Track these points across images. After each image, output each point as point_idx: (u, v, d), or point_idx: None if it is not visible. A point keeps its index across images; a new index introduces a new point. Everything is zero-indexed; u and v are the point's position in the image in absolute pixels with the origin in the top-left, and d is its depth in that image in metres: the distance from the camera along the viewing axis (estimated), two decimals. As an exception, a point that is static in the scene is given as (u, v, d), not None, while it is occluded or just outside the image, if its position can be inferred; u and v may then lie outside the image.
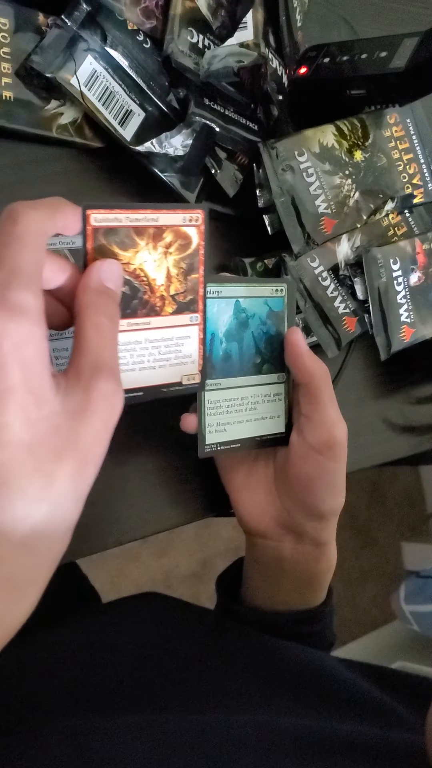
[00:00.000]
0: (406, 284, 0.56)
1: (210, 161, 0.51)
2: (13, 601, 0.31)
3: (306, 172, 0.52)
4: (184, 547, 1.73)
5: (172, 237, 0.39)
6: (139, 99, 0.48)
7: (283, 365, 0.46)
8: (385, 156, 0.55)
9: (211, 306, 0.42)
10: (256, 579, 0.54)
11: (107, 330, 0.32)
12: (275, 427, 0.47)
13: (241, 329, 0.44)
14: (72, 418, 0.30)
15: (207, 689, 0.46)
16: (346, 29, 0.60)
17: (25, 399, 0.29)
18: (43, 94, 0.46)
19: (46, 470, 0.29)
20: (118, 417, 0.32)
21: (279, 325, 0.46)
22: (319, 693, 0.46)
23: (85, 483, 0.31)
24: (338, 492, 0.46)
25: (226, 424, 0.44)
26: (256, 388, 0.45)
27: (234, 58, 0.47)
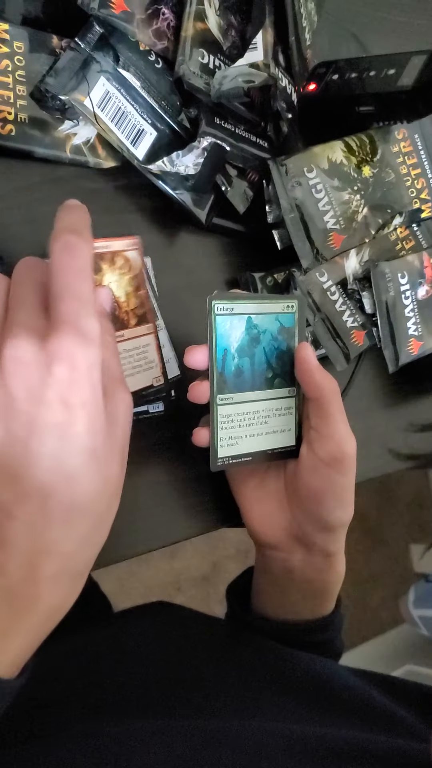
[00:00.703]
0: (414, 298, 0.56)
1: (221, 179, 0.52)
2: (73, 592, 0.35)
3: (315, 188, 0.53)
4: (194, 550, 1.74)
5: (122, 261, 0.46)
6: (151, 119, 0.49)
7: (294, 380, 0.47)
8: (393, 171, 0.56)
9: (222, 322, 0.43)
10: (266, 589, 0.54)
11: (113, 347, 0.37)
12: (286, 441, 0.48)
13: (253, 345, 0.45)
14: (110, 424, 0.35)
15: (219, 697, 0.47)
16: (355, 46, 0.61)
17: (93, 412, 0.33)
18: (56, 116, 0.47)
19: (104, 471, 0.34)
20: (132, 412, 0.37)
21: (290, 340, 0.47)
22: (329, 701, 0.47)
23: (123, 477, 0.37)
24: (347, 504, 0.47)
25: (238, 437, 0.45)
26: (268, 402, 0.46)
27: (244, 78, 0.48)
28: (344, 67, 0.55)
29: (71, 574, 0.34)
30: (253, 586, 0.56)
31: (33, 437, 0.32)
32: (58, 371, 0.32)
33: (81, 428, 0.33)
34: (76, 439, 0.33)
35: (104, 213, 0.50)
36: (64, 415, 0.32)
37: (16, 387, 0.32)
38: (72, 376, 0.32)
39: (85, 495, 0.33)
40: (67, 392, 0.32)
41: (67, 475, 0.33)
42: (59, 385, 0.32)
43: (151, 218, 0.52)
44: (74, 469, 0.33)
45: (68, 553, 0.33)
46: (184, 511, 0.52)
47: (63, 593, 0.34)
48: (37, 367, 0.32)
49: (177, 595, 1.71)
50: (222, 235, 0.55)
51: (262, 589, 0.55)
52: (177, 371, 0.51)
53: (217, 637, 0.54)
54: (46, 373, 0.32)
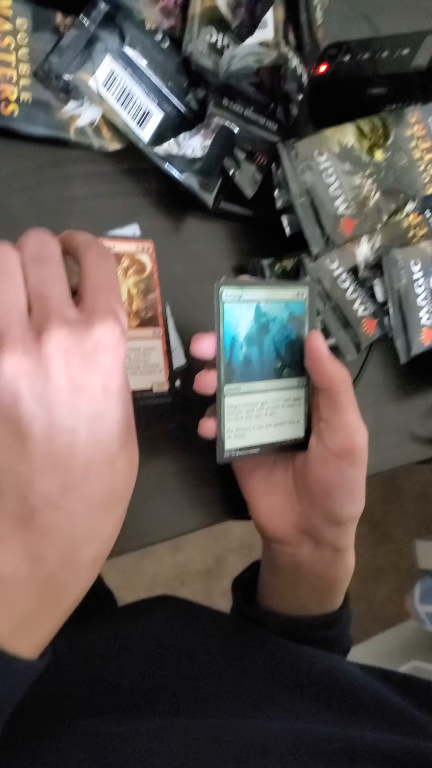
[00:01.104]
0: (427, 286, 0.55)
1: (229, 162, 0.50)
2: (93, 578, 0.35)
3: (326, 172, 0.51)
4: (198, 543, 1.73)
5: (129, 262, 0.46)
6: (158, 99, 0.48)
7: (304, 369, 0.46)
8: (406, 155, 0.54)
9: (230, 310, 0.42)
10: (273, 584, 0.53)
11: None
12: (295, 432, 0.46)
13: (262, 334, 0.44)
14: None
15: (226, 693, 0.46)
16: (367, 26, 0.59)
17: (126, 397, 0.35)
18: (61, 96, 0.46)
19: (132, 455, 0.36)
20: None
21: (300, 329, 0.45)
22: (339, 699, 0.46)
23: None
24: (358, 497, 0.46)
25: (245, 429, 0.44)
26: (277, 392, 0.45)
27: (253, 57, 0.47)
28: (356, 47, 0.54)
29: (105, 558, 0.36)
30: (260, 581, 0.55)
31: (79, 425, 0.33)
32: (103, 359, 0.33)
33: (119, 414, 0.34)
34: (114, 426, 0.34)
35: (109, 197, 0.49)
36: (105, 402, 0.33)
37: (61, 376, 0.32)
38: (113, 364, 0.33)
39: (122, 479, 0.35)
40: (108, 379, 0.33)
41: (109, 461, 0.34)
42: (102, 373, 0.33)
43: (157, 202, 0.50)
44: (114, 455, 0.34)
45: (106, 538, 0.35)
46: (190, 503, 0.50)
47: (90, 579, 0.35)
48: (82, 356, 0.32)
49: (181, 588, 1.70)
50: (229, 220, 0.54)
51: (269, 584, 0.54)
52: (183, 360, 0.50)
53: (223, 632, 0.53)
54: (90, 362, 0.33)
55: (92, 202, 0.48)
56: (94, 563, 0.35)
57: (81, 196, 0.48)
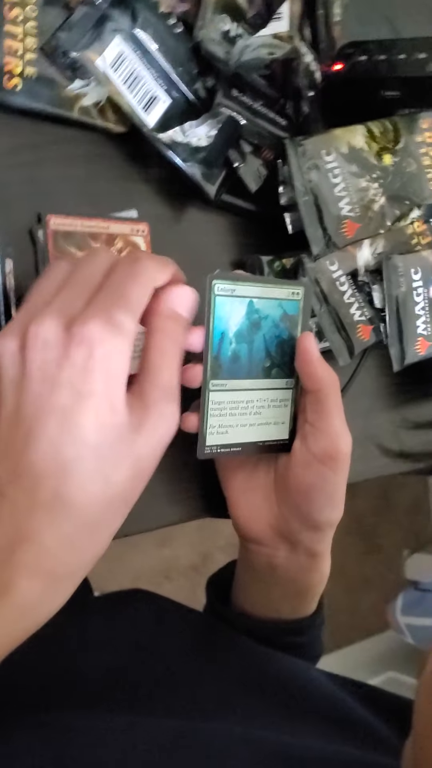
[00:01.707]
0: (426, 295, 0.54)
1: (234, 154, 0.49)
2: (50, 594, 0.33)
3: (332, 172, 0.51)
4: (185, 539, 1.72)
5: (122, 243, 0.45)
6: (166, 85, 0.47)
7: (293, 371, 0.45)
8: (415, 162, 0.53)
9: (222, 304, 0.41)
10: (247, 585, 0.53)
11: (171, 355, 0.36)
12: (279, 434, 0.45)
13: (253, 331, 0.43)
14: (133, 431, 0.33)
15: (189, 694, 0.46)
16: (387, 27, 0.58)
17: (102, 405, 0.32)
18: (67, 73, 0.45)
19: (105, 472, 0.32)
20: (172, 437, 0.35)
21: (292, 329, 0.45)
22: (301, 707, 0.45)
23: (135, 492, 0.35)
24: (337, 504, 0.45)
25: (228, 426, 0.43)
26: (263, 392, 0.44)
27: (266, 49, 0.46)
28: (373, 48, 0.53)
29: (49, 571, 0.32)
30: (235, 581, 0.55)
31: (38, 418, 0.32)
32: (74, 354, 0.32)
33: (84, 419, 0.32)
34: (77, 429, 0.32)
35: (109, 180, 0.48)
36: (71, 401, 0.32)
37: (31, 364, 0.32)
38: (87, 364, 0.32)
39: (75, 490, 0.32)
40: (78, 378, 0.32)
41: (59, 464, 0.32)
42: (72, 369, 0.32)
43: (158, 189, 0.50)
44: (69, 459, 0.32)
45: (48, 547, 0.32)
46: (168, 498, 0.50)
47: (38, 589, 0.32)
48: (55, 347, 0.32)
49: (165, 583, 1.70)
50: (231, 214, 0.53)
51: (244, 584, 0.53)
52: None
53: (193, 632, 0.52)
54: (62, 354, 0.32)
55: (92, 185, 0.47)
56: (31, 570, 0.32)
57: (80, 177, 0.47)
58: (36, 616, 0.33)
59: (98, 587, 0.80)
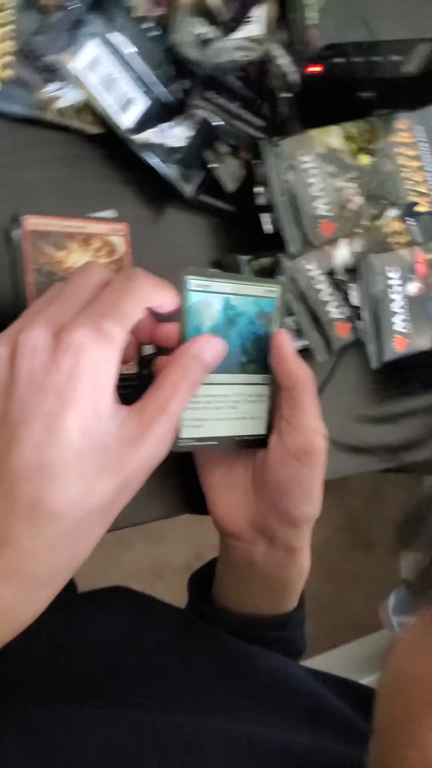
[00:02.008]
0: (403, 294, 0.55)
1: (211, 155, 0.50)
2: (27, 599, 0.33)
3: (308, 172, 0.51)
4: (178, 538, 1.73)
5: (100, 243, 0.46)
6: (142, 87, 0.48)
7: (269, 367, 0.46)
8: (391, 162, 0.54)
9: (196, 300, 0.41)
10: (227, 581, 0.53)
11: (182, 390, 0.36)
12: (256, 429, 0.46)
13: (229, 327, 0.43)
14: (124, 444, 0.34)
15: (169, 689, 0.46)
16: (363, 29, 0.59)
17: (87, 412, 0.33)
18: (43, 76, 0.46)
19: (88, 480, 0.33)
20: (162, 459, 0.36)
21: (268, 326, 0.45)
22: (281, 702, 0.46)
23: (119, 503, 0.35)
24: (314, 499, 0.45)
25: (203, 419, 0.43)
26: (239, 387, 0.45)
27: (240, 52, 0.47)
28: (350, 50, 0.54)
29: (27, 577, 0.33)
30: (216, 577, 0.55)
31: (23, 422, 0.32)
32: (61, 360, 0.32)
33: (69, 424, 0.32)
34: (60, 434, 0.32)
35: (86, 181, 0.48)
36: (56, 405, 0.32)
37: (20, 370, 0.33)
38: (74, 370, 0.32)
39: (55, 496, 0.32)
40: (64, 384, 0.32)
41: (41, 468, 0.32)
42: (59, 375, 0.32)
43: (136, 191, 0.50)
44: (51, 464, 0.32)
45: (26, 552, 0.32)
46: (146, 494, 0.50)
47: (14, 594, 0.33)
48: (43, 353, 0.33)
49: (158, 582, 1.70)
50: (209, 214, 0.54)
51: (224, 581, 0.54)
52: (152, 348, 0.49)
53: (173, 627, 0.52)
54: (50, 361, 0.33)
55: (70, 186, 0.48)
56: (8, 573, 0.32)
57: (58, 178, 0.47)
58: (12, 622, 0.33)
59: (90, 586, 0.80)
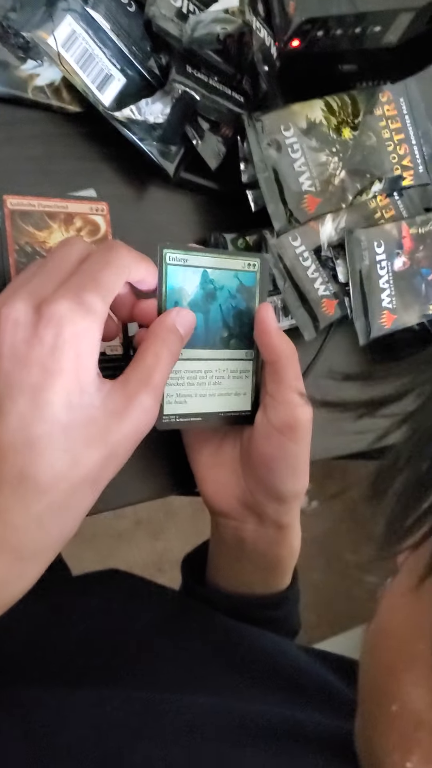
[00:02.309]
0: (389, 269, 0.54)
1: (191, 131, 0.49)
2: (16, 574, 0.33)
3: (291, 147, 0.51)
4: (178, 531, 1.72)
5: (81, 222, 0.45)
6: (120, 64, 0.47)
7: (252, 342, 0.45)
8: (374, 135, 0.54)
9: (174, 273, 0.41)
10: (219, 560, 0.53)
11: (164, 360, 0.37)
12: (241, 405, 0.46)
13: (208, 301, 0.43)
14: (109, 416, 0.34)
15: (161, 668, 0.46)
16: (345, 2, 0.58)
17: (71, 384, 0.33)
18: (19, 54, 0.45)
19: (74, 452, 0.33)
20: (147, 430, 0.36)
21: (250, 300, 0.45)
22: (273, 679, 0.46)
23: (106, 475, 0.35)
24: (300, 475, 0.45)
25: (186, 395, 0.43)
26: (222, 362, 0.44)
27: (218, 24, 0.46)
28: (331, 23, 0.53)
29: (15, 550, 0.33)
30: (209, 557, 0.55)
31: (8, 396, 0.32)
32: (43, 333, 0.32)
33: (54, 397, 0.32)
34: (45, 407, 0.32)
35: (66, 160, 0.48)
36: (40, 378, 0.32)
37: (3, 345, 0.33)
38: (56, 342, 0.32)
39: (42, 469, 0.32)
40: (47, 356, 0.32)
41: (27, 441, 0.32)
42: (42, 347, 0.32)
43: (117, 169, 0.50)
44: (36, 436, 0.32)
45: (14, 525, 0.32)
46: (135, 475, 0.50)
47: (2, 569, 0.33)
48: (25, 326, 0.33)
49: (158, 575, 1.70)
50: (193, 192, 0.53)
51: (216, 560, 0.54)
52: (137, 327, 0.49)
53: (166, 608, 0.52)
54: (32, 334, 0.32)
55: (49, 164, 0.47)
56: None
57: (37, 156, 0.47)
58: (1, 597, 0.33)
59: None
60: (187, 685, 0.44)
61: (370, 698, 0.29)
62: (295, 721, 0.40)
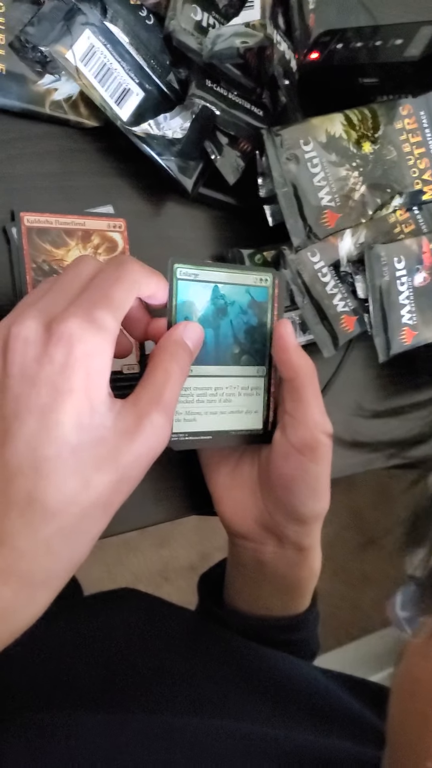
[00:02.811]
0: (410, 284, 0.53)
1: (210, 146, 0.49)
2: (25, 601, 0.32)
3: (311, 162, 0.50)
4: (184, 540, 1.72)
5: (99, 239, 0.45)
6: (139, 78, 0.46)
7: (264, 358, 0.44)
8: (395, 149, 0.53)
9: (184, 289, 0.40)
10: (237, 582, 0.52)
11: (175, 376, 0.35)
12: (252, 423, 0.44)
13: (219, 316, 0.42)
14: (120, 437, 0.32)
15: (180, 692, 0.45)
16: (364, 14, 0.57)
17: (82, 404, 0.32)
18: (37, 68, 0.44)
19: (85, 475, 0.32)
20: (162, 449, 0.35)
21: (262, 316, 0.44)
22: (294, 703, 0.45)
23: (118, 498, 0.34)
24: (321, 496, 0.44)
25: (196, 413, 0.42)
26: (233, 379, 0.43)
27: (239, 38, 0.45)
28: (350, 36, 0.52)
29: (24, 577, 0.31)
30: (226, 578, 0.54)
31: (16, 416, 0.31)
32: (54, 352, 0.31)
33: (63, 417, 0.31)
34: (54, 428, 0.31)
35: (84, 176, 0.47)
36: (49, 398, 0.31)
37: (12, 363, 0.32)
38: (67, 361, 0.31)
39: (51, 493, 0.31)
40: (57, 375, 0.31)
41: (35, 463, 0.31)
42: (52, 366, 0.31)
43: (135, 184, 0.49)
44: (44, 459, 0.31)
45: (22, 551, 0.31)
46: (153, 496, 0.49)
47: (11, 595, 0.31)
48: (35, 345, 0.32)
49: (164, 584, 1.69)
50: (210, 207, 0.52)
51: (234, 582, 0.53)
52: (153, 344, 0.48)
53: (184, 630, 0.51)
54: (42, 353, 0.32)
55: (66, 180, 0.47)
56: (3, 573, 0.31)
57: (54, 172, 0.46)
58: (10, 624, 0.32)
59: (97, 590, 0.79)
60: (205, 709, 0.43)
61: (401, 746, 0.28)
62: (319, 748, 0.39)
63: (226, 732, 0.39)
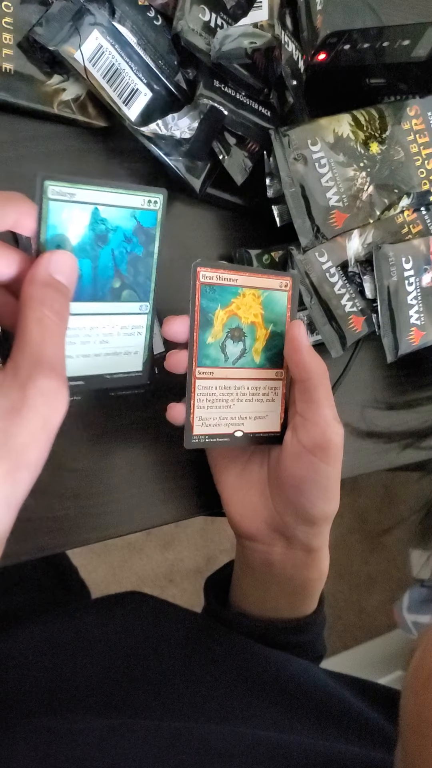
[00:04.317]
0: (417, 285, 0.53)
1: (218, 146, 0.49)
2: None
3: (318, 162, 0.50)
4: (189, 542, 1.71)
5: None
6: (147, 78, 0.46)
7: (147, 294, 0.40)
8: (402, 149, 0.53)
9: (57, 211, 0.33)
10: (245, 583, 0.52)
11: (52, 325, 0.30)
12: (131, 365, 0.40)
13: (98, 244, 0.36)
14: (5, 417, 0.27)
15: (187, 696, 0.45)
16: (370, 15, 0.58)
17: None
18: (45, 68, 0.44)
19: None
20: (61, 417, 0.29)
21: (148, 244, 0.38)
22: (301, 706, 0.44)
23: (18, 489, 0.28)
24: (331, 497, 0.44)
25: (67, 357, 0.35)
26: (112, 317, 0.38)
27: (247, 39, 0.45)
28: (357, 37, 0.52)
29: None
30: (233, 580, 0.54)
31: None
32: None
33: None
34: None
35: (92, 176, 0.47)
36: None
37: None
38: None
39: None
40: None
41: None
42: None
43: (143, 184, 0.49)
44: None
45: None
46: (161, 496, 0.49)
47: None
48: None
49: (169, 586, 1.69)
50: (218, 207, 0.52)
51: (241, 583, 0.52)
52: (162, 347, 0.48)
53: (191, 632, 0.51)
54: None
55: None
56: None
57: (62, 173, 0.46)
58: None
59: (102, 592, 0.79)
60: (213, 713, 0.43)
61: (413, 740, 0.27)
62: (326, 752, 0.39)
63: (233, 737, 0.39)
